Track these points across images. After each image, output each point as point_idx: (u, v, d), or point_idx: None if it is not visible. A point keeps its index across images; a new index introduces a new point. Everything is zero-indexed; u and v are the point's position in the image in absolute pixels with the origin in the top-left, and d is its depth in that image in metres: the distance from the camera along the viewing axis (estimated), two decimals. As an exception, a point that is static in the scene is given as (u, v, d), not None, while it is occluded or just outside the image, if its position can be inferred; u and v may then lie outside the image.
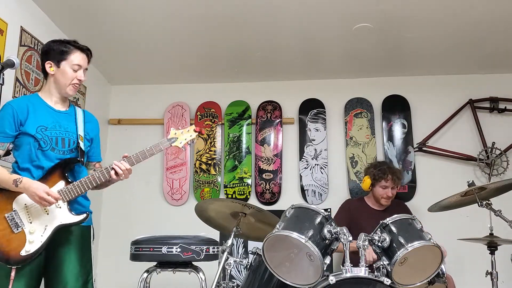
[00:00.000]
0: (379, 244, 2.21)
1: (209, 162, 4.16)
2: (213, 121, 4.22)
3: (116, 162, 2.16)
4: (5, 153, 2.18)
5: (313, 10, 3.11)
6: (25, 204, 2.08)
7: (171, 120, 4.24)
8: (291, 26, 3.34)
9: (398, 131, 4.07)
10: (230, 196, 4.07)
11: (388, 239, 2.19)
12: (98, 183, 2.14)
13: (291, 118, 4.21)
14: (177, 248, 2.77)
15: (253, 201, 4.06)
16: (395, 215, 2.28)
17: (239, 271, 3.87)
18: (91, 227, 2.29)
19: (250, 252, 2.60)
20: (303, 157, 4.10)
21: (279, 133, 4.17)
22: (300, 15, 3.18)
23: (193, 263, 2.89)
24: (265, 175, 4.09)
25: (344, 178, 4.06)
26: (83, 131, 2.28)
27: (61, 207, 2.09)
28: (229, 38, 3.52)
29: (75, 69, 2.20)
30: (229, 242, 2.50)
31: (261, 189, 4.07)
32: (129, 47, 3.68)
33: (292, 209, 2.29)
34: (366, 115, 4.12)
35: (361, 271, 2.11)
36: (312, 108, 4.18)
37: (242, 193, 4.08)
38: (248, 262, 2.53)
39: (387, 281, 2.09)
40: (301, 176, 4.07)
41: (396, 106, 4.11)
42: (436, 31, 3.36)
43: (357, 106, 4.15)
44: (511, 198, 2.90)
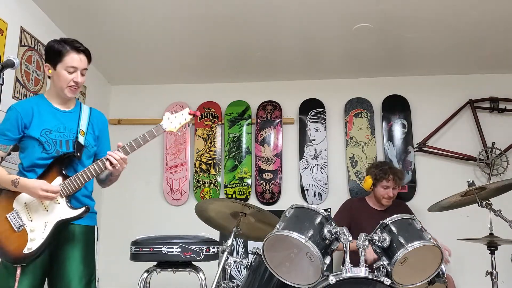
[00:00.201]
0: (379, 244, 2.21)
1: (209, 162, 4.16)
2: (213, 121, 4.22)
3: (110, 152, 2.12)
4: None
5: (313, 10, 3.11)
6: (24, 202, 2.09)
7: (171, 120, 4.23)
8: (291, 26, 3.34)
9: (398, 131, 4.07)
10: (230, 196, 4.07)
11: (388, 239, 2.19)
12: (94, 175, 2.11)
13: (291, 118, 4.21)
14: (177, 248, 2.77)
15: (253, 201, 4.06)
16: (395, 215, 2.28)
17: (239, 271, 3.87)
18: (95, 227, 2.28)
19: (250, 252, 2.60)
20: (303, 157, 4.10)
21: (279, 133, 4.17)
22: (300, 15, 3.18)
23: (193, 263, 2.89)
24: (265, 175, 4.09)
25: (344, 178, 4.06)
26: (86, 126, 2.26)
27: (59, 202, 2.09)
28: (229, 38, 3.52)
29: (70, 71, 2.16)
30: (229, 242, 2.49)
31: (261, 189, 4.07)
32: (129, 47, 3.68)
33: (292, 209, 2.29)
34: (366, 115, 4.12)
35: (361, 271, 2.11)
36: (312, 108, 4.18)
37: (242, 193, 4.08)
38: (248, 262, 2.53)
39: (387, 281, 2.09)
40: (301, 176, 4.07)
41: (396, 106, 4.11)
42: (436, 31, 3.36)
43: (357, 106, 4.15)
44: (511, 198, 2.90)
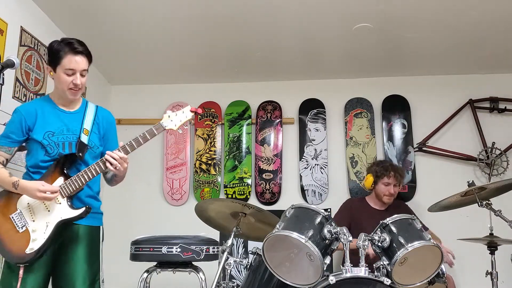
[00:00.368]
0: (379, 244, 2.21)
1: (209, 162, 4.16)
2: (213, 121, 4.22)
3: (109, 152, 2.10)
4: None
5: (313, 10, 3.11)
6: (27, 203, 2.10)
7: (171, 120, 4.23)
8: (291, 26, 3.34)
9: (398, 131, 4.07)
10: (230, 196, 4.07)
11: (388, 239, 2.19)
12: (94, 175, 2.10)
13: (291, 118, 4.21)
14: (177, 248, 2.77)
15: (253, 201, 4.06)
16: (395, 215, 2.28)
17: (239, 271, 3.87)
18: (100, 228, 2.28)
19: (250, 252, 2.60)
20: (303, 157, 4.10)
21: (279, 133, 4.17)
22: (300, 15, 3.18)
23: (193, 263, 2.89)
24: (265, 175, 4.09)
25: (344, 178, 4.06)
26: (91, 126, 2.25)
27: (61, 203, 2.09)
28: (229, 38, 3.52)
29: (69, 74, 2.13)
30: (229, 242, 2.49)
31: (261, 189, 4.07)
32: (129, 47, 3.68)
33: (292, 209, 2.29)
34: (366, 115, 4.12)
35: (361, 271, 2.11)
36: (312, 108, 4.18)
37: (242, 193, 4.08)
38: (248, 262, 2.53)
39: (387, 281, 2.09)
40: (301, 176, 4.07)
41: (396, 106, 4.11)
42: (436, 31, 3.36)
43: (357, 106, 4.15)
44: (511, 198, 2.91)
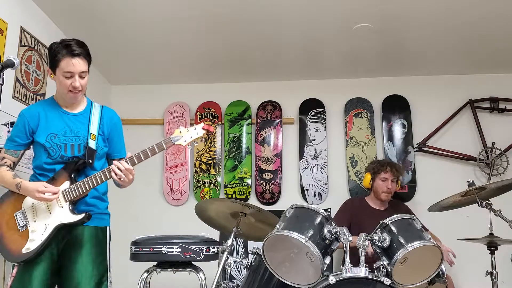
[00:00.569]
0: (379, 244, 2.21)
1: (209, 162, 4.16)
2: (213, 121, 4.22)
3: (116, 162, 2.09)
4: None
5: (313, 10, 3.11)
6: (32, 203, 2.11)
7: (171, 120, 4.24)
8: (291, 26, 3.34)
9: (398, 131, 4.07)
10: (230, 196, 4.07)
11: (388, 239, 2.19)
12: (98, 183, 2.09)
13: (291, 118, 4.21)
14: (177, 248, 2.77)
15: (253, 201, 4.06)
16: (395, 215, 2.28)
17: (239, 271, 3.87)
18: (107, 228, 2.27)
19: (250, 252, 2.59)
20: (303, 157, 4.10)
21: (279, 133, 4.17)
22: (300, 15, 3.18)
23: (193, 263, 2.89)
24: (265, 175, 4.09)
25: (344, 178, 4.06)
26: (97, 129, 2.22)
27: (63, 206, 2.10)
28: (229, 38, 3.52)
29: (67, 77, 2.10)
30: (229, 242, 2.49)
31: (261, 189, 4.07)
32: (129, 47, 3.68)
33: (292, 209, 2.29)
34: (366, 115, 4.12)
35: (361, 271, 2.11)
36: (312, 108, 4.17)
37: (242, 193, 4.08)
38: (248, 262, 2.53)
39: (387, 281, 2.09)
40: (301, 176, 4.07)
41: (396, 106, 4.11)
42: (436, 31, 3.36)
43: (357, 106, 4.15)
44: (511, 198, 2.90)
